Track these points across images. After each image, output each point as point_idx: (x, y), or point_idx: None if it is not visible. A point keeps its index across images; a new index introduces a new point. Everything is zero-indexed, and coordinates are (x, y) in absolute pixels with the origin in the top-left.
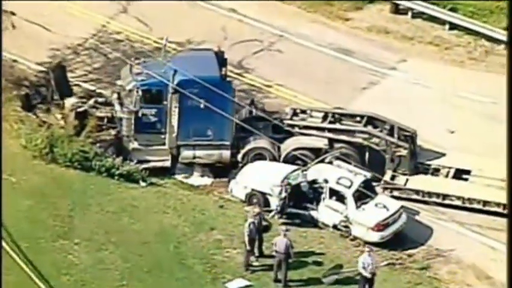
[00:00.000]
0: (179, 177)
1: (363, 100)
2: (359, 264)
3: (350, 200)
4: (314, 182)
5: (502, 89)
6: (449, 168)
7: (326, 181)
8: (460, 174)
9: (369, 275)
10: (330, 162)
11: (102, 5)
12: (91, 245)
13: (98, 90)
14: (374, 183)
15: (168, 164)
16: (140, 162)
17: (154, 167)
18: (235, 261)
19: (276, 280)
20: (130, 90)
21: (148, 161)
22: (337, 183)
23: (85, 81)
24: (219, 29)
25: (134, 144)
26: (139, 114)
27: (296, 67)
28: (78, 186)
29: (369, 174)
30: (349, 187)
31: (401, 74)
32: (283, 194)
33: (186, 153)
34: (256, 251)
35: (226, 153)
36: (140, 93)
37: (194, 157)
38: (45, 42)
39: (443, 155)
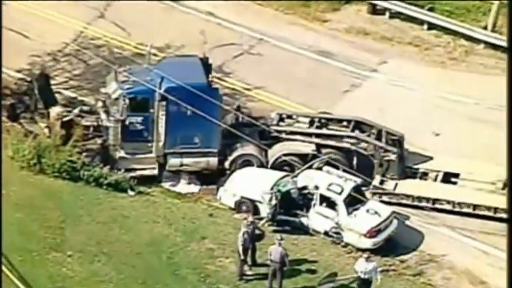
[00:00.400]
0: (166, 185)
1: (345, 103)
2: (359, 268)
3: (341, 207)
4: (304, 188)
5: (484, 89)
6: (438, 171)
7: (316, 187)
8: (448, 177)
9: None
10: (319, 168)
11: (79, 10)
12: (84, 257)
13: (81, 98)
14: (364, 189)
15: (155, 172)
16: (127, 170)
17: (141, 175)
18: (229, 270)
19: None
20: (116, 99)
21: (135, 170)
22: (328, 189)
23: (66, 89)
24: (198, 33)
25: (121, 153)
26: (126, 123)
27: (277, 70)
28: (68, 197)
29: (359, 180)
30: (340, 193)
31: (383, 76)
32: (274, 201)
33: (173, 161)
34: (249, 260)
35: (214, 160)
36: (127, 101)
37: (181, 165)
38: (24, 49)
39: (431, 158)
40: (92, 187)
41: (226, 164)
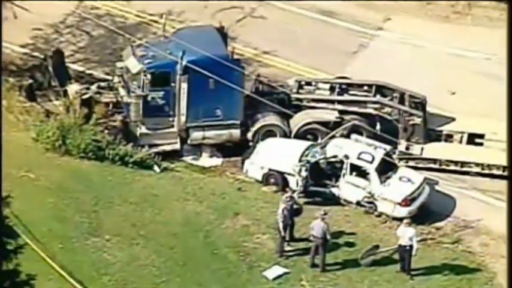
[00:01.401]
0: (188, 159)
1: (356, 65)
2: (404, 237)
3: (373, 176)
4: (334, 158)
5: (493, 43)
6: (462, 133)
7: (347, 157)
8: (473, 138)
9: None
10: (345, 136)
11: None
12: (122, 241)
13: (90, 72)
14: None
15: (177, 146)
16: (149, 146)
17: (163, 150)
18: (267, 247)
19: (313, 265)
20: (136, 74)
21: (157, 145)
22: (359, 158)
23: (73, 62)
24: None
25: (142, 129)
26: (148, 98)
27: (282, 33)
28: (97, 178)
29: (388, 147)
30: (371, 162)
31: (389, 34)
32: (304, 173)
33: (196, 135)
34: (287, 235)
35: (236, 132)
36: (149, 76)
37: (204, 138)
38: (25, 23)
39: (453, 119)
40: (118, 166)
41: (249, 135)
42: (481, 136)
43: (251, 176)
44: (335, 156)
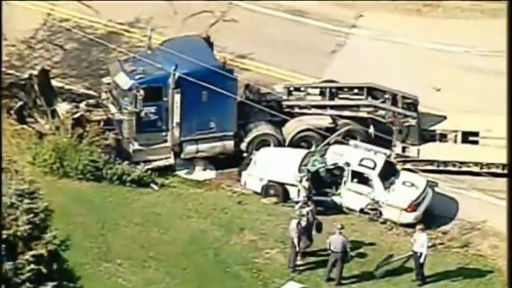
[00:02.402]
0: (182, 173)
1: (336, 65)
2: (417, 243)
3: (377, 182)
4: (334, 165)
5: (468, 35)
6: (455, 131)
7: (348, 164)
8: (467, 137)
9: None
10: (339, 141)
11: None
12: (134, 264)
13: (69, 87)
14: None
15: (171, 161)
16: (143, 163)
17: (157, 166)
18: (278, 262)
19: (329, 279)
20: (128, 90)
21: (151, 161)
22: (360, 165)
23: (51, 78)
24: (166, 4)
25: (135, 146)
26: (142, 114)
27: (257, 36)
28: (98, 200)
29: (388, 152)
30: (374, 168)
31: (364, 32)
32: (306, 183)
33: (189, 149)
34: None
35: (230, 144)
36: (142, 92)
37: (197, 151)
38: None
39: (444, 117)
40: (116, 185)
41: (243, 146)
42: (476, 134)
43: (249, 188)
44: (335, 164)
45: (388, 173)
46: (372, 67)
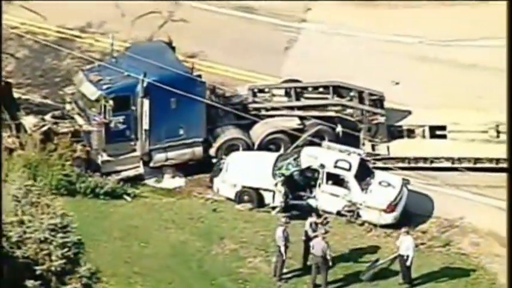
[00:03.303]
0: (151, 182)
1: (291, 63)
2: (403, 246)
3: (353, 183)
4: (308, 168)
5: (419, 24)
6: (422, 127)
7: (323, 166)
8: (434, 131)
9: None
10: (311, 143)
11: None
12: (120, 281)
13: (26, 97)
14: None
15: (141, 171)
16: (111, 174)
17: (127, 176)
18: (263, 271)
19: (315, 286)
20: (97, 100)
21: (120, 172)
22: (335, 166)
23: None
24: (113, 6)
25: (103, 157)
26: (112, 125)
27: (208, 35)
28: (75, 216)
29: (361, 151)
30: (349, 169)
31: (315, 26)
32: (282, 188)
33: (159, 157)
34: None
35: (199, 150)
36: (111, 102)
37: (167, 159)
38: None
39: (408, 112)
40: (89, 199)
41: (212, 152)
42: (443, 128)
43: (222, 194)
44: (310, 167)
45: (364, 174)
46: (327, 62)
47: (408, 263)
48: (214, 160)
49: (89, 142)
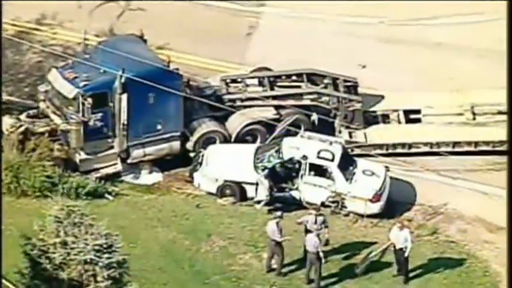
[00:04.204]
0: (128, 179)
1: (255, 49)
2: (400, 240)
3: (337, 174)
4: (290, 160)
5: (379, 4)
6: (397, 111)
7: (305, 157)
8: (409, 115)
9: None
10: (289, 132)
11: None
12: (116, 285)
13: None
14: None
15: (119, 168)
16: (90, 172)
17: (106, 174)
18: (254, 267)
19: (310, 281)
20: (74, 99)
21: (98, 169)
22: (318, 157)
23: None
24: None
25: (81, 155)
26: (91, 123)
27: (168, 24)
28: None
29: (342, 140)
30: (332, 160)
31: (275, 9)
32: (266, 181)
33: (136, 153)
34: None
35: (176, 144)
36: (90, 100)
37: (145, 155)
38: None
39: (381, 97)
40: (73, 199)
41: (189, 146)
42: (417, 112)
43: (204, 189)
44: (292, 158)
45: (346, 163)
46: (292, 47)
47: (406, 255)
48: (191, 154)
49: (66, 141)
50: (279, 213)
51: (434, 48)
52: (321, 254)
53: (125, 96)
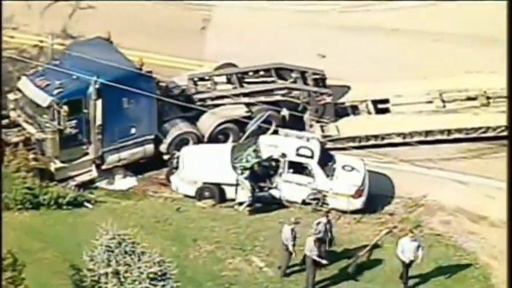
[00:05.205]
0: (103, 185)
1: (212, 44)
2: (398, 248)
3: (317, 171)
4: (269, 158)
5: None
6: (365, 101)
7: (284, 155)
8: (378, 105)
9: (406, 260)
10: (261, 130)
11: None
12: None
13: None
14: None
15: (95, 174)
16: (65, 180)
17: (82, 181)
18: (246, 272)
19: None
20: (48, 107)
21: (73, 177)
22: (298, 154)
23: None
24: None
25: (56, 164)
26: (67, 131)
27: (119, 21)
28: (46, 230)
29: (318, 135)
30: (312, 156)
31: (225, 2)
32: (247, 182)
33: (111, 158)
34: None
35: (150, 148)
36: (65, 107)
37: (119, 160)
38: None
39: (347, 87)
40: (53, 210)
41: (163, 148)
42: (386, 101)
43: (182, 192)
44: (271, 157)
45: (325, 159)
46: (249, 40)
47: (418, 261)
48: (165, 157)
49: (41, 150)
50: (292, 219)
51: (390, 34)
52: (317, 259)
53: (99, 102)
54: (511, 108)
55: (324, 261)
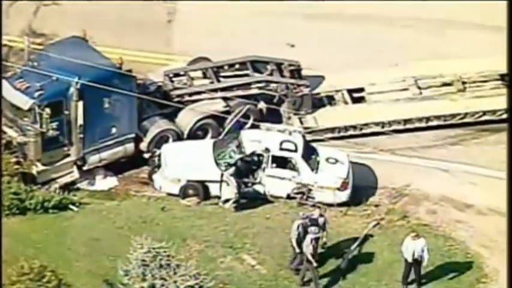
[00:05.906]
0: (84, 186)
1: (181, 37)
2: (403, 247)
3: (302, 164)
4: (252, 154)
5: None
6: (340, 91)
7: (267, 150)
8: (353, 94)
9: (408, 259)
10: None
11: None
12: None
13: None
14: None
15: (76, 176)
16: (47, 183)
17: (65, 183)
18: (238, 271)
19: (304, 283)
20: (29, 110)
21: (55, 179)
22: (281, 149)
23: None
24: None
25: (38, 167)
26: (49, 133)
27: (85, 16)
28: (35, 236)
29: (300, 128)
30: (296, 150)
31: None
32: (233, 179)
33: (92, 159)
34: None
35: (131, 146)
36: (48, 110)
37: (100, 160)
38: None
39: (322, 77)
40: (40, 214)
41: (143, 146)
42: (361, 90)
43: (165, 191)
44: (254, 152)
45: (309, 152)
46: (218, 32)
47: (425, 263)
48: (145, 155)
49: (23, 154)
50: (301, 214)
51: (358, 21)
52: (310, 258)
53: (81, 103)
54: (511, 95)
55: (314, 263)
